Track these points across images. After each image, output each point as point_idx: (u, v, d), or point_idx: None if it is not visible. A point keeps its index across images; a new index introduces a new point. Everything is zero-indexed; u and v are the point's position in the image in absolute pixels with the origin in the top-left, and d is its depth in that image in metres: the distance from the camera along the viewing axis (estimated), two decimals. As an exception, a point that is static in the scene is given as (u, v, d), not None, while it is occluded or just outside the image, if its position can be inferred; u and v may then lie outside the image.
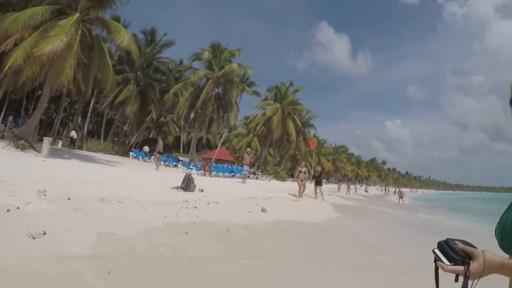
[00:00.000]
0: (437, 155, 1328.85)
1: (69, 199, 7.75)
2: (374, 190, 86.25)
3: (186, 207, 10.00)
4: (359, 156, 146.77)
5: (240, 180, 26.43)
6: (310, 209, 16.00)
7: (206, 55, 39.26)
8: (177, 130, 75.20)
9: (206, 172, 29.91)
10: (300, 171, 20.79)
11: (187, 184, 13.61)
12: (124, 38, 22.44)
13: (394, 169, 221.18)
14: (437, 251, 1.31)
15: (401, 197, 44.42)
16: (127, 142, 52.84)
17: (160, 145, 26.66)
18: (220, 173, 33.43)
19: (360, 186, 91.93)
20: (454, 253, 1.26)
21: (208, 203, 11.51)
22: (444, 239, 1.32)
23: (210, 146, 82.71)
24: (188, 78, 40.44)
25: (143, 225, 7.15)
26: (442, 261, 1.28)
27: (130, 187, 11.71)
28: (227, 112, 40.34)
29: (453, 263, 1.25)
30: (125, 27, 47.44)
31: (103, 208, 7.90)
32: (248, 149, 28.77)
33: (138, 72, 41.87)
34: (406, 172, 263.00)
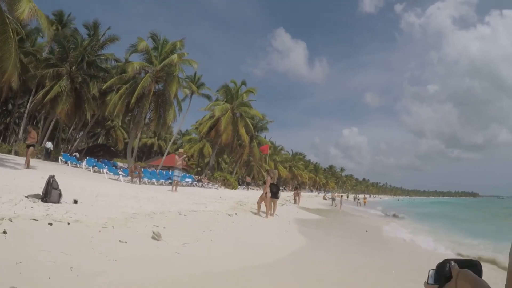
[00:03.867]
0: (394, 161, 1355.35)
1: None
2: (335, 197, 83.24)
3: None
4: (317, 163, 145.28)
5: (175, 188, 21.63)
6: (256, 230, 11.45)
7: (143, 45, 34.26)
8: (126, 135, 70.67)
9: (135, 178, 25.10)
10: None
11: (48, 191, 9.08)
12: (24, 9, 18.89)
13: (351, 175, 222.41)
14: (431, 271, 1.36)
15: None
16: (70, 147, 48.02)
17: (31, 136, 19.67)
18: (154, 180, 28.52)
19: (318, 194, 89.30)
20: (440, 273, 1.31)
21: (66, 222, 7.11)
22: (442, 261, 1.34)
23: (162, 153, 78.15)
24: (123, 72, 35.75)
25: None
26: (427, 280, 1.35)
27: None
28: (165, 111, 35.40)
29: (437, 282, 1.32)
30: (69, 21, 43.49)
31: None
32: (180, 150, 23.93)
33: (73, 67, 36.82)
34: (364, 179, 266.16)
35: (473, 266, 1.30)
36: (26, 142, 20.30)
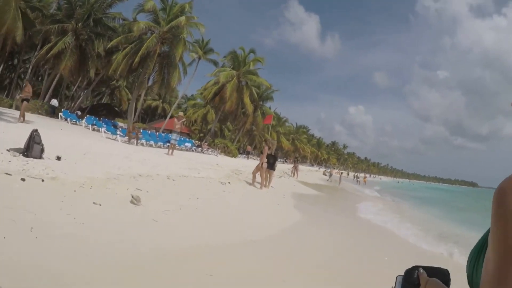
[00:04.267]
0: (398, 143, 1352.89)
1: None
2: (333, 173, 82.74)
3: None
4: (320, 138, 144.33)
5: (172, 151, 21.13)
6: (246, 202, 11.06)
7: (151, 5, 33.15)
8: (130, 96, 69.81)
9: (132, 139, 24.67)
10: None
11: (29, 146, 8.68)
12: None
13: (354, 153, 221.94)
14: (399, 277, 1.34)
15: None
16: (72, 104, 47.56)
17: (26, 90, 18.78)
18: (152, 142, 28.10)
19: (319, 168, 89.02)
20: (407, 281, 1.29)
21: (40, 178, 6.78)
22: (410, 267, 1.32)
23: (166, 116, 77.31)
24: (130, 32, 34.87)
25: None
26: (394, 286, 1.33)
27: None
28: (170, 73, 34.59)
29: None
30: None
31: None
32: (180, 113, 23.39)
33: (79, 24, 35.95)
34: (366, 158, 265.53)
35: (442, 274, 1.27)
36: (20, 95, 19.61)
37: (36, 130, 9.14)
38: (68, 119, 31.41)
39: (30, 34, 35.36)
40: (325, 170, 76.12)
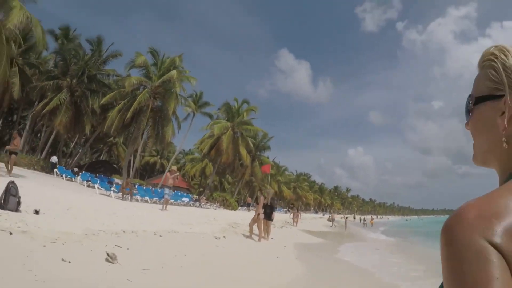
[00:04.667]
0: (401, 180, 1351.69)
1: None
2: (338, 218, 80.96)
3: None
4: (322, 183, 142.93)
5: (166, 206, 20.12)
6: (242, 256, 10.07)
7: (142, 60, 33.38)
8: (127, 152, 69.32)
9: (126, 195, 23.79)
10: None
11: (5, 198, 8.23)
12: (14, 16, 19.02)
13: (357, 196, 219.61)
14: None
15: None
16: (70, 161, 47.07)
17: (14, 143, 18.01)
18: (147, 198, 27.09)
19: (323, 215, 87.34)
20: None
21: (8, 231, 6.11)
22: None
23: (164, 172, 76.65)
24: (123, 88, 34.88)
25: None
26: None
27: None
28: (163, 127, 34.20)
29: None
30: (75, 36, 42.98)
31: None
32: (173, 167, 22.60)
33: (74, 80, 36.15)
34: (370, 199, 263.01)
35: None
36: (8, 147, 18.86)
37: (12, 182, 8.70)
38: (63, 175, 30.68)
39: (28, 91, 35.54)
40: (329, 216, 74.63)
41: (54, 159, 35.70)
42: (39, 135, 50.25)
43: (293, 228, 27.50)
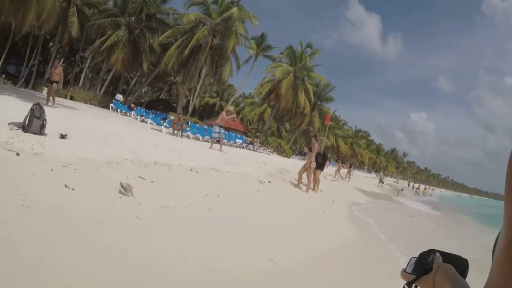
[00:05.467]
0: (459, 154, 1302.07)
1: None
2: (390, 181, 78.17)
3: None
4: (380, 144, 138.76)
5: (218, 146, 19.06)
6: (282, 206, 8.80)
7: (201, -4, 32.44)
8: (187, 93, 69.71)
9: (177, 131, 23.27)
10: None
11: (29, 120, 7.61)
12: None
13: (413, 162, 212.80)
14: (412, 259, 1.20)
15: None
16: (130, 99, 47.80)
17: (56, 72, 17.36)
18: (199, 136, 26.46)
19: (376, 175, 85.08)
20: (420, 263, 1.15)
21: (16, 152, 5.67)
22: (426, 250, 1.19)
23: (222, 114, 76.52)
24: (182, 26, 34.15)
25: None
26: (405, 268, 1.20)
27: None
28: (221, 65, 33.21)
29: (415, 272, 1.14)
30: None
31: None
32: (230, 108, 21.45)
33: (133, 18, 35.69)
34: (425, 168, 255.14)
35: (459, 263, 1.10)
36: (49, 78, 18.32)
37: (37, 104, 8.14)
38: (119, 109, 30.74)
39: (87, 30, 36.34)
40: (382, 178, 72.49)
41: (119, 97, 35.90)
42: (100, 73, 51.27)
43: (345, 183, 26.24)
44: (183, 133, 23.82)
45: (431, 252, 1.15)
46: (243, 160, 15.29)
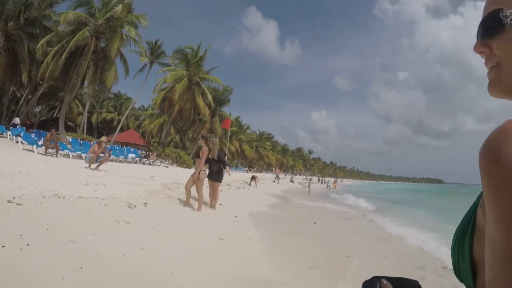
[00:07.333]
0: (362, 146, 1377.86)
1: None
2: (300, 179, 78.60)
3: None
4: (285, 144, 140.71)
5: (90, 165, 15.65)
6: (159, 242, 6.21)
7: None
8: (81, 108, 64.12)
9: (51, 149, 19.60)
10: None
11: None
12: None
13: (319, 158, 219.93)
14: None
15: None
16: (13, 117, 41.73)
17: None
18: (81, 153, 22.48)
19: (285, 175, 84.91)
20: None
21: None
22: (370, 278, 1.06)
23: (123, 129, 71.68)
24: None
25: None
26: None
27: None
28: (104, 71, 29.41)
29: None
30: None
31: None
32: (103, 139, 17.49)
33: (11, 23, 30.56)
34: (331, 162, 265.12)
35: (411, 286, 1.02)
36: None
37: None
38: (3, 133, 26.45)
39: None
40: (292, 177, 72.50)
41: (16, 120, 31.83)
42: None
43: (252, 189, 23.94)
44: (59, 151, 20.05)
45: (376, 280, 1.01)
46: (120, 178, 12.17)
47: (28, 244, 4.08)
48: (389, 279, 1.00)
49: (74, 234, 4.92)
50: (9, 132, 25.62)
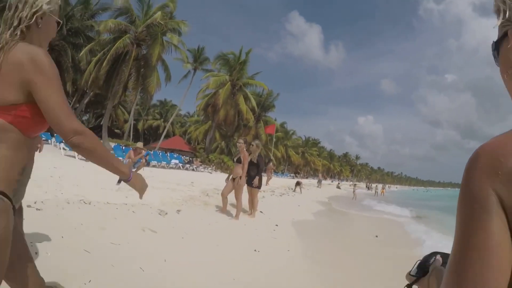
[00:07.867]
0: (409, 151, 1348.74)
1: None
2: (347, 186, 76.48)
3: None
4: (331, 150, 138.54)
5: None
6: (182, 254, 5.72)
7: (122, 1, 28.85)
8: (126, 115, 65.32)
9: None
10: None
11: None
12: None
13: (366, 164, 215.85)
14: (418, 262, 1.21)
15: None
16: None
17: None
18: (122, 158, 22.63)
19: (332, 181, 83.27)
20: (421, 266, 1.17)
21: None
22: (430, 252, 1.22)
23: (169, 136, 72.54)
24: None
25: None
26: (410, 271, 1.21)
27: None
28: (146, 78, 29.54)
29: (418, 275, 1.17)
30: None
31: None
32: (139, 145, 16.59)
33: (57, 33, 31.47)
34: (379, 168, 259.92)
35: None
36: None
37: None
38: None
39: None
40: (338, 183, 70.93)
41: None
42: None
43: (297, 195, 23.10)
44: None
45: (433, 255, 1.17)
46: (157, 184, 11.74)
47: (36, 253, 3.63)
48: (444, 255, 1.14)
49: (90, 243, 4.43)
50: (53, 139, 26.06)
